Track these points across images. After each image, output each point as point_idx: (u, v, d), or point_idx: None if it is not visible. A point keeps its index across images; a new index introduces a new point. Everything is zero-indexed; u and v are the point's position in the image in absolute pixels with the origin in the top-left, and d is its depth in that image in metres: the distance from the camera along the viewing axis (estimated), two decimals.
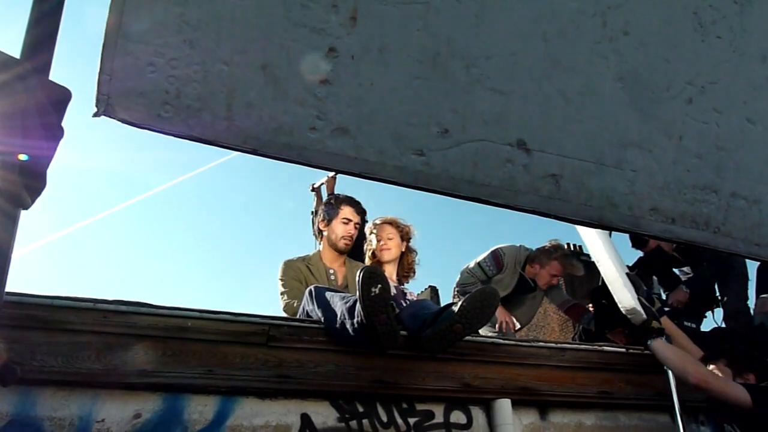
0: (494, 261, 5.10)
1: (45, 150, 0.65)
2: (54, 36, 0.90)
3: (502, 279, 5.19)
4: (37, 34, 0.86)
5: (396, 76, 1.23)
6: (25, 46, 0.85)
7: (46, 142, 0.65)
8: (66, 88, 0.68)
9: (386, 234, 3.64)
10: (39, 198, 0.67)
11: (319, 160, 1.19)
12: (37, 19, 0.88)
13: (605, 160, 1.37)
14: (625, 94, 1.39)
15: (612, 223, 1.39)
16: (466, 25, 1.28)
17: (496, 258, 5.12)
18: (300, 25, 1.18)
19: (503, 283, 5.25)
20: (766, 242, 1.55)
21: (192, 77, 1.12)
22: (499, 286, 5.24)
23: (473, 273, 5.11)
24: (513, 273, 5.18)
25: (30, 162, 0.63)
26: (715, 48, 1.48)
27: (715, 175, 1.48)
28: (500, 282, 5.21)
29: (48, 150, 0.65)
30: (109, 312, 2.48)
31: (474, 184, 1.27)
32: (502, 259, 5.12)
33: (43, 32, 0.87)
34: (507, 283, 5.27)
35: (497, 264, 5.10)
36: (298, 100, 1.17)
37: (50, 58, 0.78)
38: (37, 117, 0.62)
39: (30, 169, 0.64)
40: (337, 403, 2.83)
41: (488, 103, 1.28)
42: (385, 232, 3.64)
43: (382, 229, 3.66)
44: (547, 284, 5.22)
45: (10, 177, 0.63)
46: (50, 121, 0.64)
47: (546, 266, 5.00)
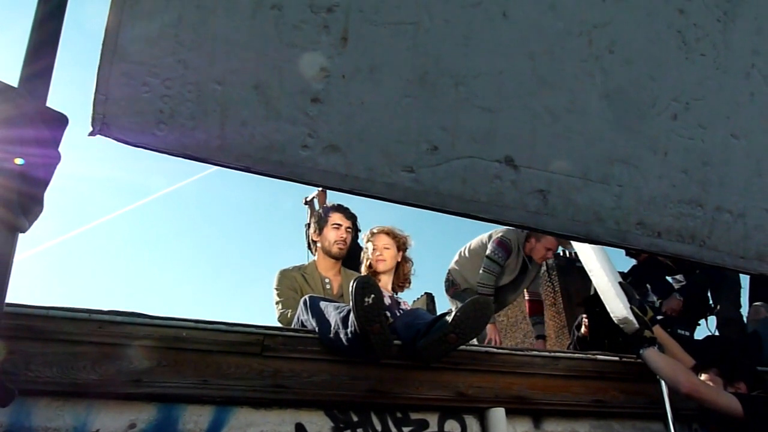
0: (502, 248, 5.24)
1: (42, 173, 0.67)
2: (56, 42, 0.92)
3: (510, 263, 5.33)
4: (38, 39, 0.88)
5: (386, 95, 1.25)
6: (27, 52, 0.88)
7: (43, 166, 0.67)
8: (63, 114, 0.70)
9: (382, 244, 3.67)
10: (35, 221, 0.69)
11: (310, 178, 1.22)
12: (39, 24, 0.90)
13: (592, 175, 1.39)
14: (611, 111, 1.42)
15: (599, 237, 1.41)
16: (454, 45, 1.30)
17: (503, 245, 5.25)
18: (292, 46, 1.21)
19: (511, 267, 5.39)
20: (751, 255, 1.58)
21: (186, 97, 1.15)
22: (508, 270, 5.38)
23: (491, 270, 5.23)
24: (517, 254, 5.33)
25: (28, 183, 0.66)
26: (699, 65, 1.51)
27: (701, 189, 1.51)
28: (509, 266, 5.35)
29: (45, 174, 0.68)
30: (105, 322, 2.50)
31: (463, 200, 1.29)
32: (509, 245, 5.26)
33: (44, 37, 0.89)
34: (513, 266, 5.40)
35: (506, 250, 5.25)
36: (290, 118, 1.20)
37: (52, 63, 0.81)
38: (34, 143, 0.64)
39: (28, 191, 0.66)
40: (332, 413, 2.85)
41: (476, 120, 1.31)
42: (381, 242, 3.67)
43: (379, 238, 3.69)
44: (543, 258, 5.38)
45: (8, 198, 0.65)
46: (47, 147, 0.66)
47: (542, 239, 5.13)
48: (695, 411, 3.09)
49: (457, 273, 5.76)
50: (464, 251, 5.81)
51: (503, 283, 5.62)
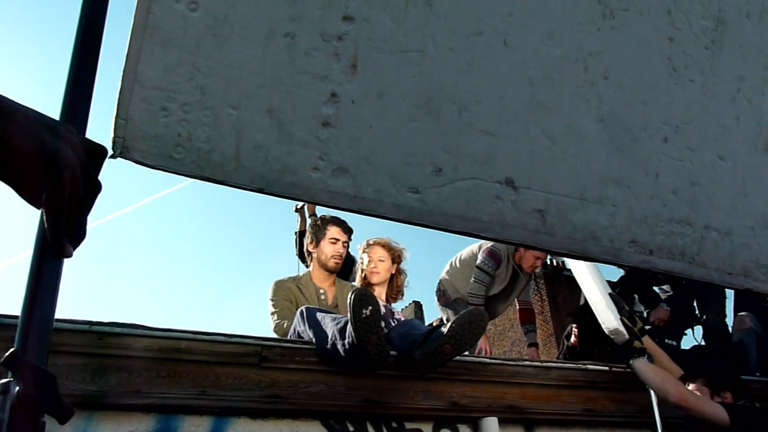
0: (492, 258, 5.30)
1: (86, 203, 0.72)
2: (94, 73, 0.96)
3: (501, 273, 5.39)
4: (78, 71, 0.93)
5: (393, 119, 1.31)
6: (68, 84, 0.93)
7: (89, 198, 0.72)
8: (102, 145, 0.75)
9: (377, 256, 3.72)
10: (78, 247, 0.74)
11: (321, 198, 1.27)
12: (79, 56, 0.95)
13: (587, 195, 1.46)
14: (605, 134, 1.48)
15: (594, 254, 1.47)
16: (457, 72, 1.36)
17: (493, 255, 5.31)
18: (304, 72, 1.26)
19: (501, 276, 5.45)
20: (738, 272, 1.65)
21: (203, 121, 1.20)
22: (498, 280, 5.45)
23: (481, 280, 5.29)
24: (507, 264, 5.39)
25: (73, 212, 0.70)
26: (688, 90, 1.58)
27: (690, 208, 1.58)
28: (499, 276, 5.41)
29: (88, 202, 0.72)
30: (104, 334, 2.53)
31: (466, 219, 1.35)
32: (499, 255, 5.31)
33: (83, 69, 0.94)
34: (504, 276, 5.46)
35: (495, 260, 5.31)
36: (302, 142, 1.25)
37: (90, 94, 0.85)
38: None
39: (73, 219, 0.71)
40: (328, 423, 2.89)
41: (478, 143, 1.37)
42: (376, 255, 3.72)
43: (374, 250, 3.74)
44: (532, 267, 5.45)
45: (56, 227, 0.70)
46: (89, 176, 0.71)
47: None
48: (683, 419, 3.16)
49: (448, 283, 5.82)
50: (455, 261, 5.87)
51: (493, 292, 5.68)
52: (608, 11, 1.50)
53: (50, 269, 0.74)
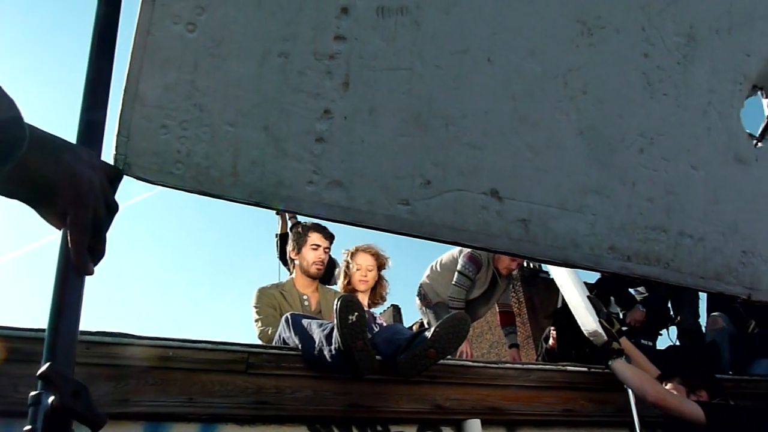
0: (472, 263, 5.37)
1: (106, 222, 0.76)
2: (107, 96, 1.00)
3: (481, 277, 5.46)
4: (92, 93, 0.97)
5: (384, 134, 1.36)
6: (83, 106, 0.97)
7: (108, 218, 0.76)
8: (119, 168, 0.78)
9: (366, 264, 3.77)
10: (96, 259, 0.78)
11: (315, 211, 1.32)
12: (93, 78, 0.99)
13: (568, 205, 1.52)
14: (584, 146, 1.55)
15: (575, 262, 1.54)
16: (445, 88, 1.42)
17: (474, 259, 5.38)
18: (298, 90, 1.31)
19: (481, 280, 5.53)
20: (710, 276, 1.73)
21: (201, 138, 1.24)
22: (478, 284, 5.53)
23: (461, 284, 5.35)
24: (487, 268, 5.47)
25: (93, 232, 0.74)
26: (662, 104, 1.66)
27: (665, 216, 1.65)
28: (479, 280, 5.48)
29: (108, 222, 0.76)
30: (92, 343, 2.54)
31: (454, 229, 1.41)
32: (479, 259, 5.39)
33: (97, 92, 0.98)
34: (484, 280, 5.55)
35: (476, 264, 5.37)
36: (297, 157, 1.30)
37: (101, 140, 0.89)
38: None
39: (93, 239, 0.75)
40: (315, 428, 2.94)
41: (465, 156, 1.43)
42: (365, 263, 3.77)
43: (363, 258, 3.79)
44: (507, 269, 5.52)
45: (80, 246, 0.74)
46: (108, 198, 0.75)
47: None
48: (660, 418, 3.26)
49: (429, 287, 5.89)
50: (436, 266, 5.94)
51: (473, 296, 5.77)
52: (586, 29, 1.57)
53: (74, 286, 0.78)
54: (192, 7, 1.25)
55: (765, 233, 1.85)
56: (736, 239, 1.78)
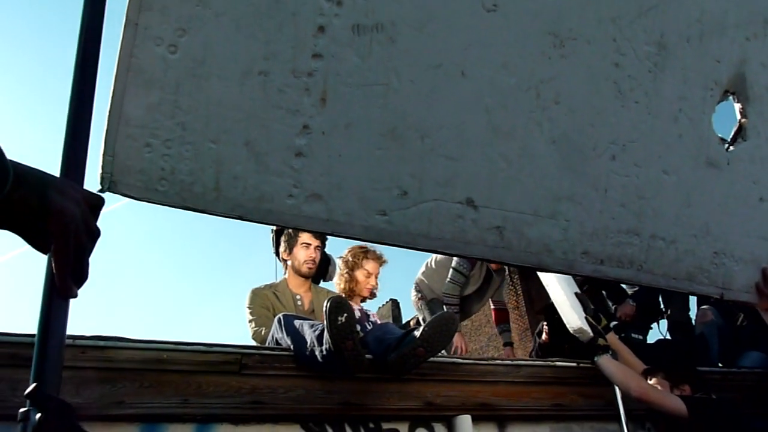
0: (467, 260, 5.39)
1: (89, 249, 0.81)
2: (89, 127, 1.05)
3: (475, 273, 5.52)
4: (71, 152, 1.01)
5: (361, 148, 1.42)
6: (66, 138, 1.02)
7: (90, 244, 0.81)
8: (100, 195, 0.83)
9: (375, 272, 3.87)
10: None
11: (296, 223, 1.37)
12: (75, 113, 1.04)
13: (542, 212, 1.58)
14: (557, 155, 1.61)
15: (549, 266, 1.60)
16: (420, 102, 1.48)
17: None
18: (277, 107, 1.36)
19: (475, 277, 5.58)
20: (682, 276, 1.80)
21: (184, 155, 1.29)
22: (473, 280, 5.58)
23: (456, 281, 5.41)
24: (481, 265, 5.50)
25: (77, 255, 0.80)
26: (633, 111, 1.72)
27: (637, 220, 1.71)
28: (473, 276, 5.54)
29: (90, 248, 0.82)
30: (87, 347, 2.59)
31: (430, 238, 1.46)
32: None
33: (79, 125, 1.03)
34: (478, 276, 5.60)
35: (470, 261, 5.41)
36: (277, 171, 1.35)
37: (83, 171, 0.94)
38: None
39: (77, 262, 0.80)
40: (308, 426, 2.99)
41: (440, 167, 1.48)
42: (375, 270, 3.87)
43: (374, 267, 3.87)
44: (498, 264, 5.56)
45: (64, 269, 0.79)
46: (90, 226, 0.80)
47: None
48: (647, 412, 3.32)
49: (424, 283, 5.94)
50: (431, 262, 5.99)
51: (468, 292, 5.82)
52: (558, 41, 1.62)
53: (59, 308, 0.83)
54: (173, 30, 1.30)
55: (737, 234, 1.92)
56: (708, 241, 1.84)
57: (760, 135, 1.96)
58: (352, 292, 4.13)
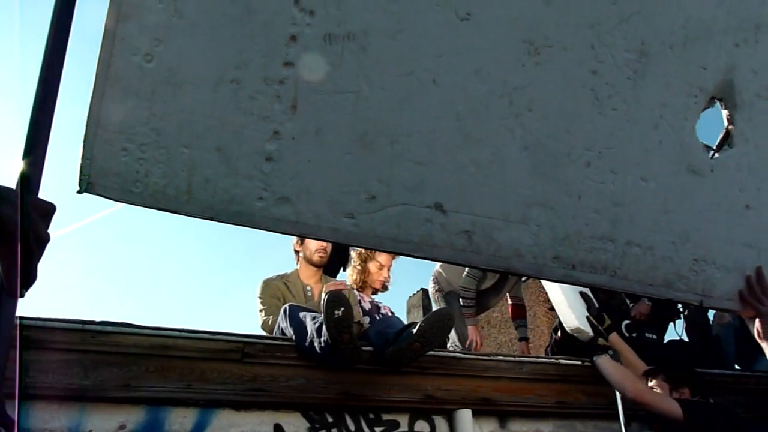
0: None
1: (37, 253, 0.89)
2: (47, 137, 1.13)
3: None
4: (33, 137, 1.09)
5: (330, 153, 1.47)
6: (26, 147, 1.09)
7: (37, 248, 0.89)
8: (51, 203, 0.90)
9: (387, 264, 3.96)
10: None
11: (265, 225, 1.43)
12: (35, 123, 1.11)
13: (512, 217, 1.61)
14: (529, 161, 1.63)
15: (518, 270, 1.64)
16: (390, 109, 1.52)
17: None
18: (249, 114, 1.42)
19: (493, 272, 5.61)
20: (659, 283, 1.81)
21: (158, 159, 1.37)
22: (490, 275, 5.61)
23: (473, 275, 5.45)
24: None
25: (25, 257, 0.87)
26: (610, 119, 1.73)
27: (611, 226, 1.73)
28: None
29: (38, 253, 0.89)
30: (96, 332, 2.72)
31: (397, 241, 1.51)
32: None
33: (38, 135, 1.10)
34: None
35: None
36: (248, 175, 1.42)
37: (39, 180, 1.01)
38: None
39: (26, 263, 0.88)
40: (308, 414, 3.07)
41: (409, 172, 1.53)
42: (388, 263, 3.96)
43: (385, 258, 3.97)
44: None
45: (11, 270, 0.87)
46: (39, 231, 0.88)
47: None
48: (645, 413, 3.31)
49: (442, 276, 5.98)
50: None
51: (485, 287, 5.84)
52: (533, 48, 1.65)
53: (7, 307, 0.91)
54: (149, 40, 1.37)
55: (720, 242, 1.91)
56: (688, 248, 1.85)
57: (748, 142, 1.95)
58: (364, 284, 4.21)
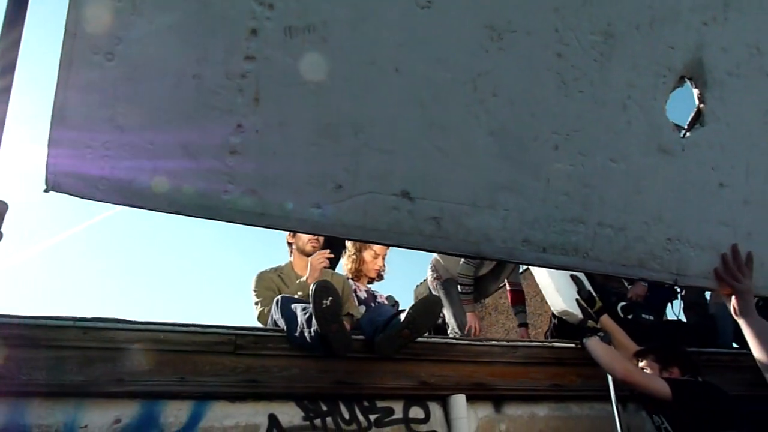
0: None
1: None
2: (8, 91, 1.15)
3: None
4: None
5: (295, 145, 1.49)
6: None
7: None
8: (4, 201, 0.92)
9: (382, 253, 3.99)
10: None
11: (232, 218, 1.46)
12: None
13: (480, 202, 1.63)
14: (495, 147, 1.65)
15: (488, 254, 1.65)
16: (353, 98, 1.54)
17: None
18: (212, 108, 1.44)
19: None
20: (633, 263, 1.82)
21: (123, 156, 1.39)
22: (487, 261, 5.63)
23: (470, 261, 5.48)
24: None
25: None
26: (577, 101, 1.74)
27: (582, 209, 1.74)
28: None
29: None
30: (89, 328, 2.76)
31: (365, 229, 1.53)
32: None
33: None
34: None
35: None
36: (212, 169, 1.44)
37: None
38: None
39: None
40: (302, 404, 3.11)
41: (375, 161, 1.55)
42: (382, 252, 4.00)
43: (380, 247, 4.00)
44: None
45: None
46: None
47: None
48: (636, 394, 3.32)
49: (440, 264, 6.00)
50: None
51: (482, 273, 5.86)
52: (495, 34, 1.65)
53: None
54: (110, 38, 1.39)
55: (693, 220, 1.92)
56: (661, 227, 1.86)
57: (719, 120, 1.95)
58: (359, 272, 4.24)
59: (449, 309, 5.87)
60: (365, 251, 4.20)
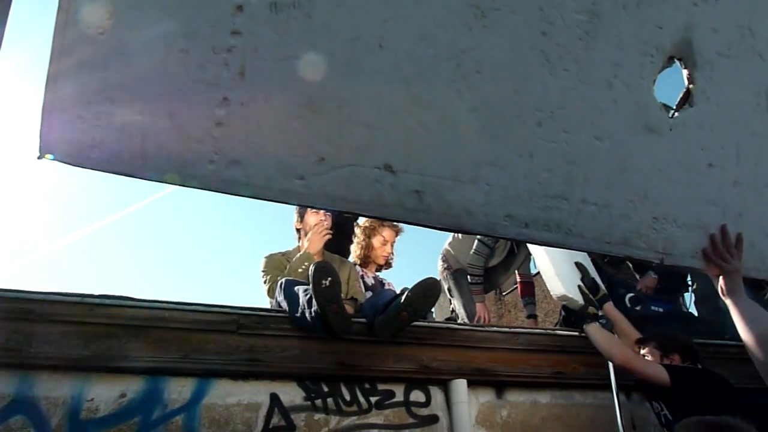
0: None
1: None
2: None
3: (500, 245, 5.58)
4: None
5: (279, 118, 1.54)
6: None
7: None
8: None
9: (391, 240, 4.06)
10: None
11: (217, 187, 1.51)
12: None
13: (462, 176, 1.66)
14: (478, 123, 1.68)
15: (470, 228, 1.69)
16: (337, 73, 1.58)
17: None
18: (198, 81, 1.49)
19: (500, 249, 5.64)
20: (617, 240, 1.84)
21: (113, 126, 1.45)
22: (497, 252, 5.64)
23: (480, 252, 5.50)
24: None
25: None
26: (562, 79, 1.76)
27: (565, 185, 1.77)
28: (498, 248, 5.61)
29: None
30: (95, 305, 2.84)
31: (347, 200, 1.58)
32: None
33: None
34: (503, 248, 5.65)
35: None
36: (199, 140, 1.49)
37: None
38: None
39: None
40: (304, 384, 3.17)
41: (358, 135, 1.59)
42: (391, 238, 4.06)
43: (390, 234, 4.07)
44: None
45: None
46: None
47: None
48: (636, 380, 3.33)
49: (450, 254, 6.02)
50: (457, 233, 6.06)
51: (493, 264, 5.87)
52: (479, 12, 1.68)
53: None
54: (101, 14, 1.45)
55: (681, 200, 1.94)
56: (647, 206, 1.88)
57: (709, 100, 1.96)
58: (367, 259, 4.30)
59: (459, 299, 5.90)
60: (374, 237, 4.25)
